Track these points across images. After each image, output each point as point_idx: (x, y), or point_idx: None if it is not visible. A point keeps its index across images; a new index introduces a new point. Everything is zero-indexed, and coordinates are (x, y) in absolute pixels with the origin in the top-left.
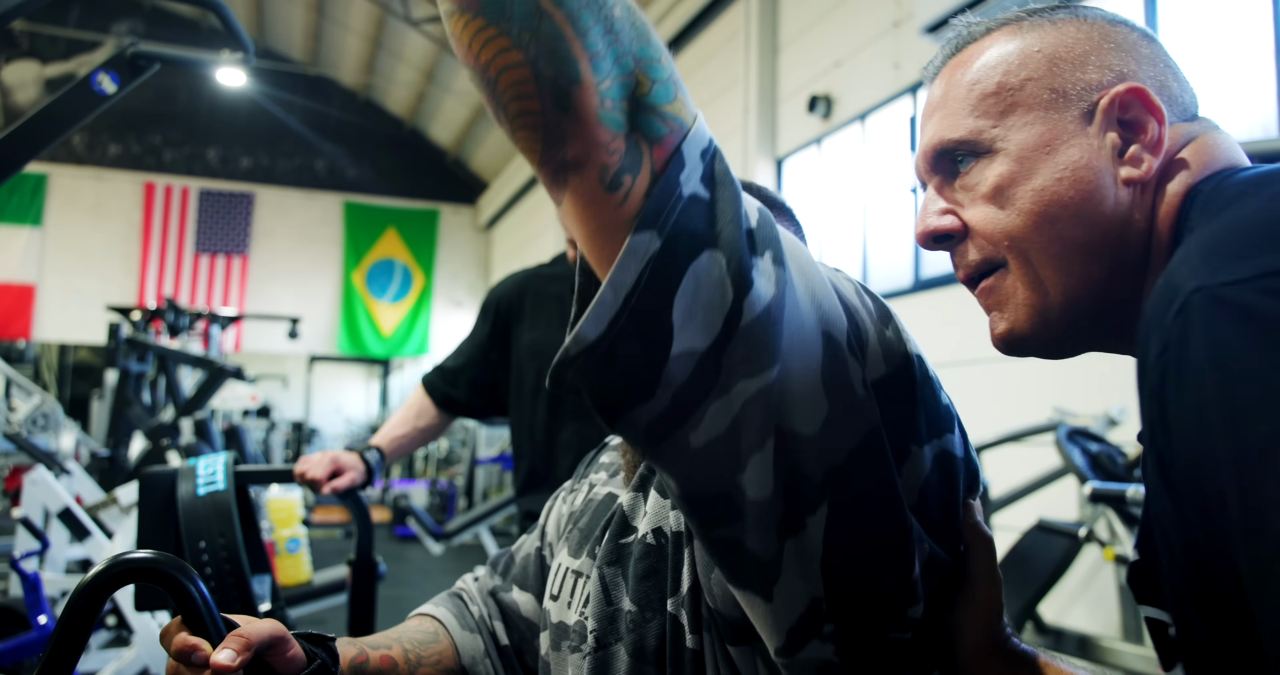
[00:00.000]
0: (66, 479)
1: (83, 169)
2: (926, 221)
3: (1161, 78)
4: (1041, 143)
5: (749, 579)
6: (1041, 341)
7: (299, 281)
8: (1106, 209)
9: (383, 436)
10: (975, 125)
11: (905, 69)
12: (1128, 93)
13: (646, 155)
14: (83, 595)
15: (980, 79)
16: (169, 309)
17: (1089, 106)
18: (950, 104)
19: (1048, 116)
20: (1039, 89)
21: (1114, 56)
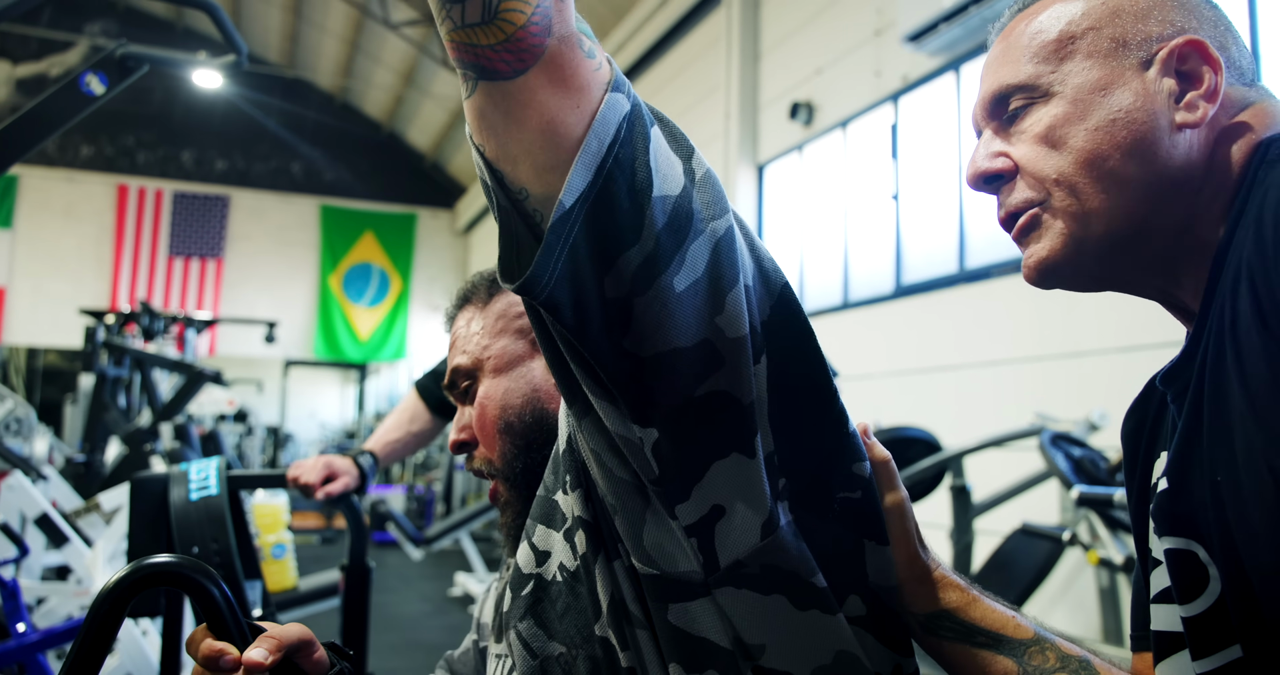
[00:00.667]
0: (43, 485)
1: (54, 170)
2: (977, 163)
3: (1222, 39)
4: (1098, 85)
5: (727, 438)
6: (1073, 270)
7: (275, 285)
8: (1160, 151)
9: (376, 441)
10: (1034, 70)
11: (886, 77)
12: (1186, 44)
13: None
14: (106, 600)
15: (1043, 28)
16: (143, 312)
17: (1148, 56)
18: (1012, 52)
19: (1106, 62)
20: (1100, 38)
21: (1176, 13)
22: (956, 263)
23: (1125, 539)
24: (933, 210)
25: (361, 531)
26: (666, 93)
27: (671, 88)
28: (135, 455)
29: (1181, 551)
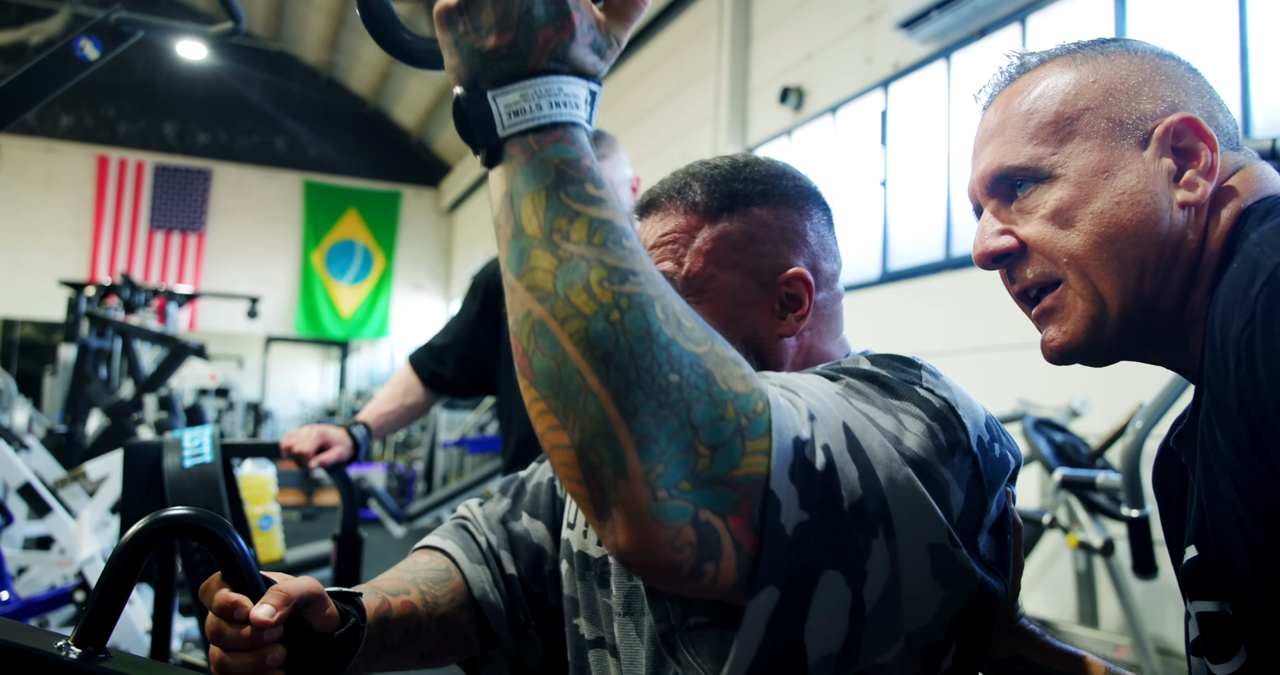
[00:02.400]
0: (25, 455)
1: (33, 140)
2: (986, 243)
3: (1209, 108)
4: (1100, 168)
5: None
6: (1091, 350)
7: (257, 261)
8: (1162, 230)
9: (369, 413)
10: (1035, 152)
11: (877, 63)
12: (1181, 122)
13: (724, 534)
14: (124, 552)
15: (1038, 108)
16: (124, 285)
17: (1144, 135)
18: (1008, 131)
19: (1105, 144)
20: (1096, 118)
21: (1165, 88)
22: (943, 250)
23: (1104, 523)
24: (920, 197)
25: (354, 501)
26: (656, 76)
27: (661, 71)
28: (118, 427)
29: (1213, 614)
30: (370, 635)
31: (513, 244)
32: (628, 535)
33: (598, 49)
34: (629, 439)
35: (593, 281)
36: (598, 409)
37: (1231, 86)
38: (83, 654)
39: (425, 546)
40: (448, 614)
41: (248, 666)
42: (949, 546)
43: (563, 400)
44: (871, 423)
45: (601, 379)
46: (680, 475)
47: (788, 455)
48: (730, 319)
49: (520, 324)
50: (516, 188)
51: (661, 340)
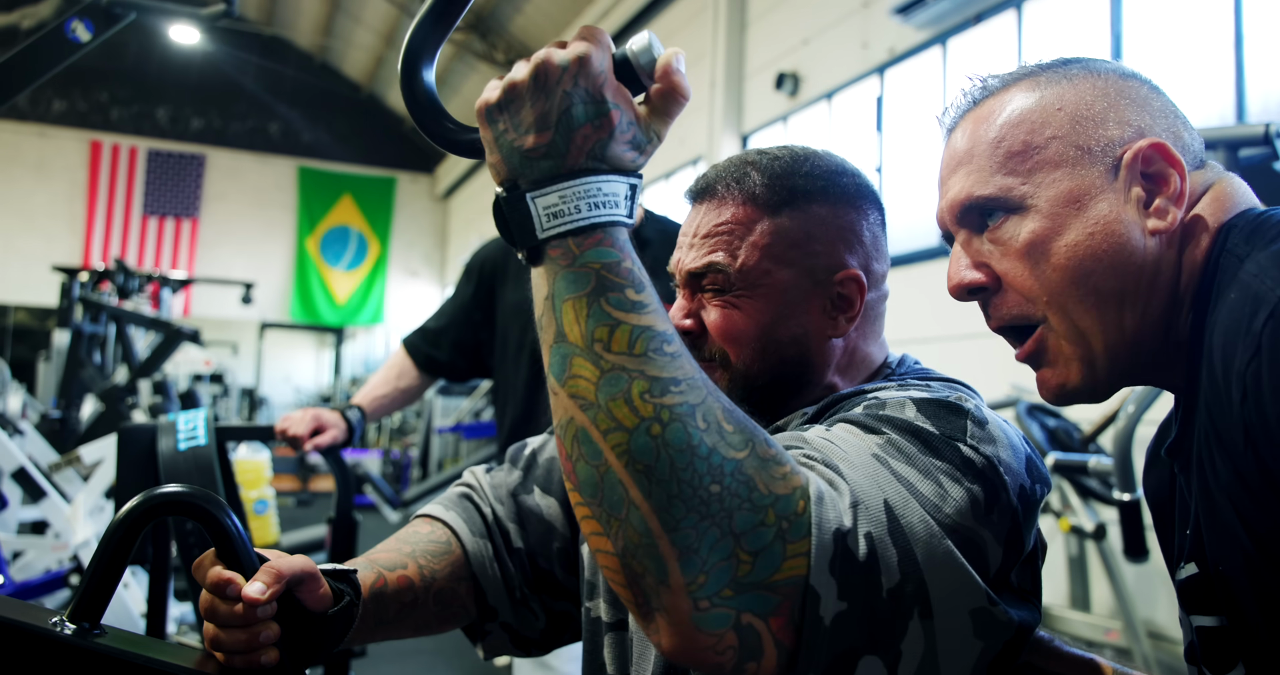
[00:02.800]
0: (20, 439)
1: (25, 125)
2: (961, 275)
3: (1174, 128)
4: (1071, 198)
5: None
6: (1090, 390)
7: (251, 246)
8: (1136, 259)
9: (364, 396)
10: (1004, 182)
11: (873, 49)
12: (1150, 147)
13: (766, 634)
14: (118, 529)
15: (1005, 136)
16: (118, 270)
17: (1113, 161)
18: (976, 160)
19: (1074, 173)
20: (1064, 146)
21: (1131, 112)
22: (938, 236)
23: (1096, 507)
24: (916, 184)
25: (348, 485)
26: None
27: None
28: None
29: (1212, 628)
30: (365, 611)
31: (555, 350)
32: (671, 641)
33: (637, 145)
34: (671, 551)
35: (634, 394)
36: (640, 521)
37: (1226, 72)
38: (77, 630)
39: (426, 515)
40: (445, 588)
41: (241, 643)
42: (989, 607)
43: (606, 509)
44: (912, 492)
45: (644, 492)
46: (722, 583)
47: (828, 550)
48: (780, 317)
49: (564, 430)
50: (558, 291)
51: (702, 451)
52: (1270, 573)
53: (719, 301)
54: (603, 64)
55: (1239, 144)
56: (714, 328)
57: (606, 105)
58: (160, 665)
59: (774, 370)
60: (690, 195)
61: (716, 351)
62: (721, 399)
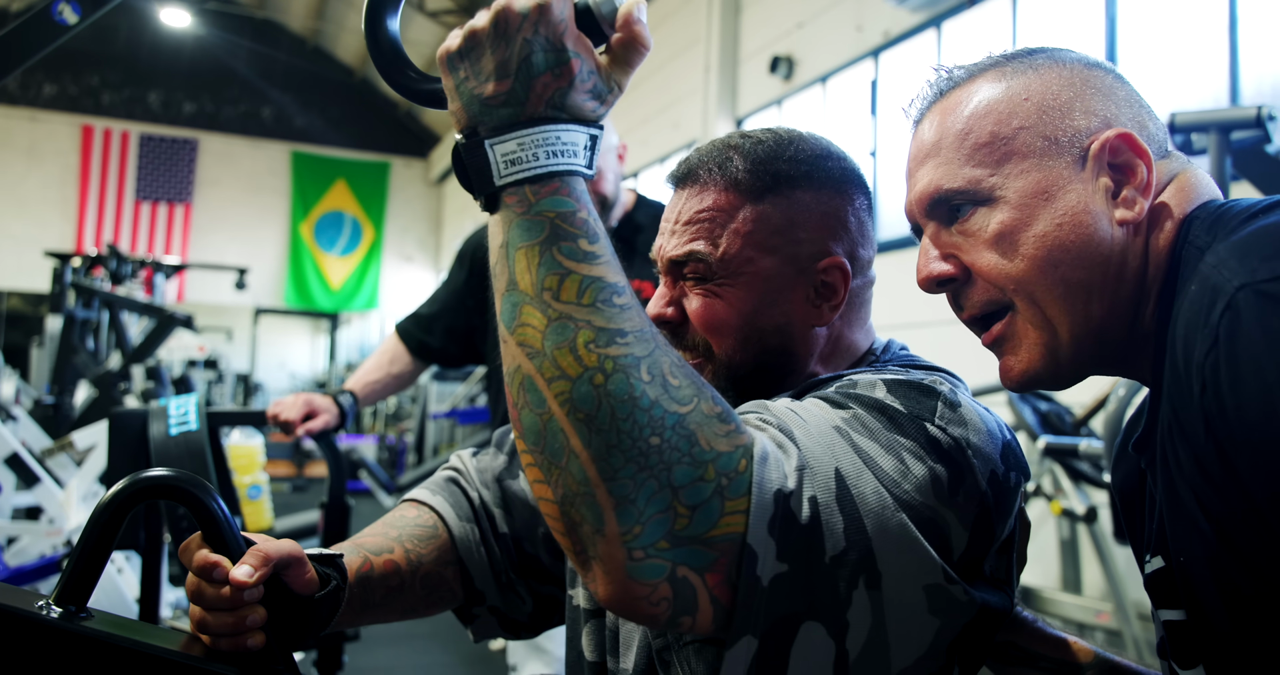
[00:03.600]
0: (12, 425)
1: (16, 109)
2: (930, 267)
3: (1140, 118)
4: (1039, 189)
5: None
6: (1053, 377)
7: (244, 232)
8: (1105, 249)
9: (356, 381)
10: (973, 174)
11: (868, 32)
12: (1117, 138)
13: (701, 589)
14: (104, 512)
15: (972, 128)
16: (111, 256)
17: (1080, 152)
18: (944, 152)
19: (1042, 163)
20: (1032, 137)
21: (1097, 101)
22: None
23: (1088, 490)
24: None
25: (341, 470)
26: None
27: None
28: (105, 397)
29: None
30: (352, 595)
31: (507, 298)
32: (606, 589)
33: (598, 94)
34: (608, 500)
35: (579, 343)
36: (579, 469)
37: (1220, 54)
38: (63, 613)
39: (413, 500)
40: (432, 572)
41: (227, 626)
42: (945, 585)
43: (547, 456)
44: (869, 465)
45: (583, 441)
46: (658, 535)
47: (768, 510)
48: (763, 306)
49: (511, 377)
50: (512, 240)
51: (644, 403)
52: (1231, 563)
53: (700, 290)
54: (563, 12)
55: (1231, 127)
56: (695, 317)
57: (567, 54)
58: (146, 647)
59: (757, 359)
60: (672, 180)
61: (699, 341)
62: (670, 353)
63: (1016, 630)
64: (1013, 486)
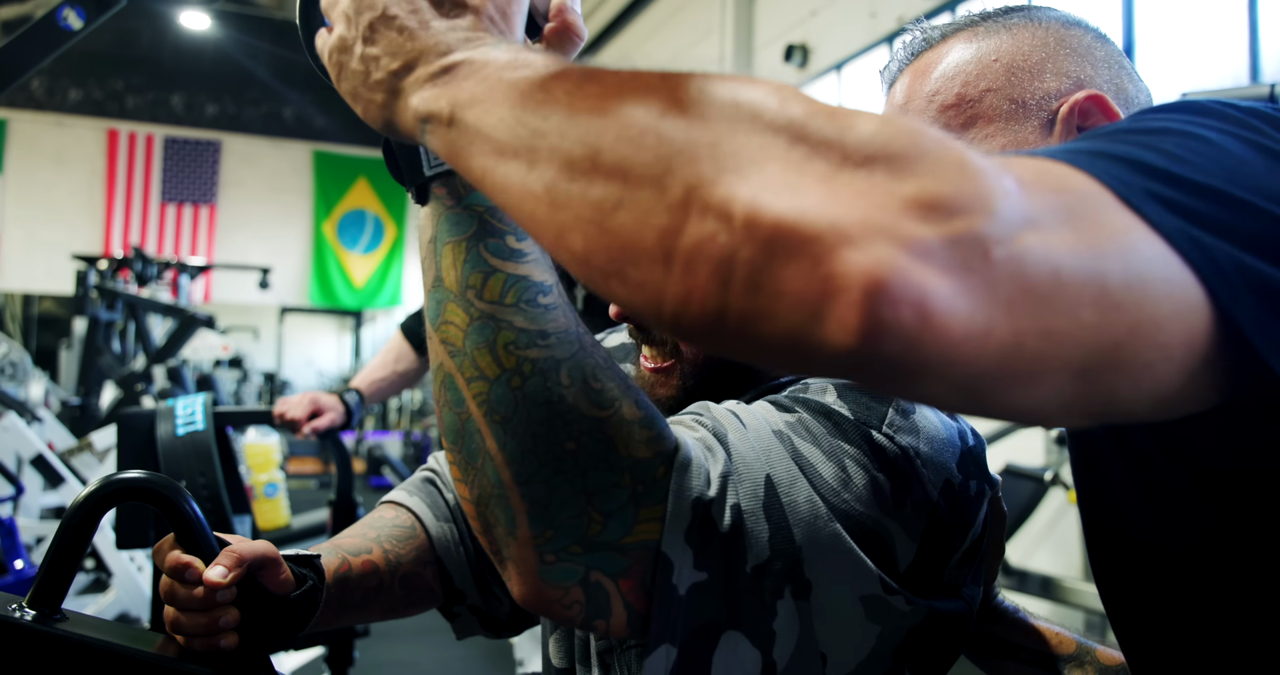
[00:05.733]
0: (38, 426)
1: (43, 115)
2: None
3: (1117, 80)
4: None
5: None
6: None
7: (269, 231)
8: None
9: (362, 379)
10: None
11: (882, 18)
12: (1087, 100)
13: (614, 594)
14: (77, 513)
15: (940, 89)
16: (136, 258)
17: (1049, 115)
18: (911, 114)
19: (1008, 127)
20: (999, 99)
21: (1070, 62)
22: None
23: None
24: None
25: (348, 467)
26: (659, 37)
27: (664, 32)
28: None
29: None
30: (330, 596)
31: (432, 294)
32: (520, 589)
33: None
34: (521, 505)
35: (499, 344)
36: (494, 471)
37: (1240, 30)
38: (36, 615)
39: (390, 501)
40: (411, 572)
41: (201, 626)
42: (883, 595)
43: (464, 456)
44: (806, 472)
45: (499, 443)
46: (570, 539)
47: (685, 518)
48: None
49: (434, 374)
50: (440, 234)
51: (560, 407)
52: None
53: None
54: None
55: None
56: None
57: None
58: (120, 649)
59: (722, 360)
60: None
61: (667, 338)
62: (596, 355)
63: (997, 621)
64: (973, 495)
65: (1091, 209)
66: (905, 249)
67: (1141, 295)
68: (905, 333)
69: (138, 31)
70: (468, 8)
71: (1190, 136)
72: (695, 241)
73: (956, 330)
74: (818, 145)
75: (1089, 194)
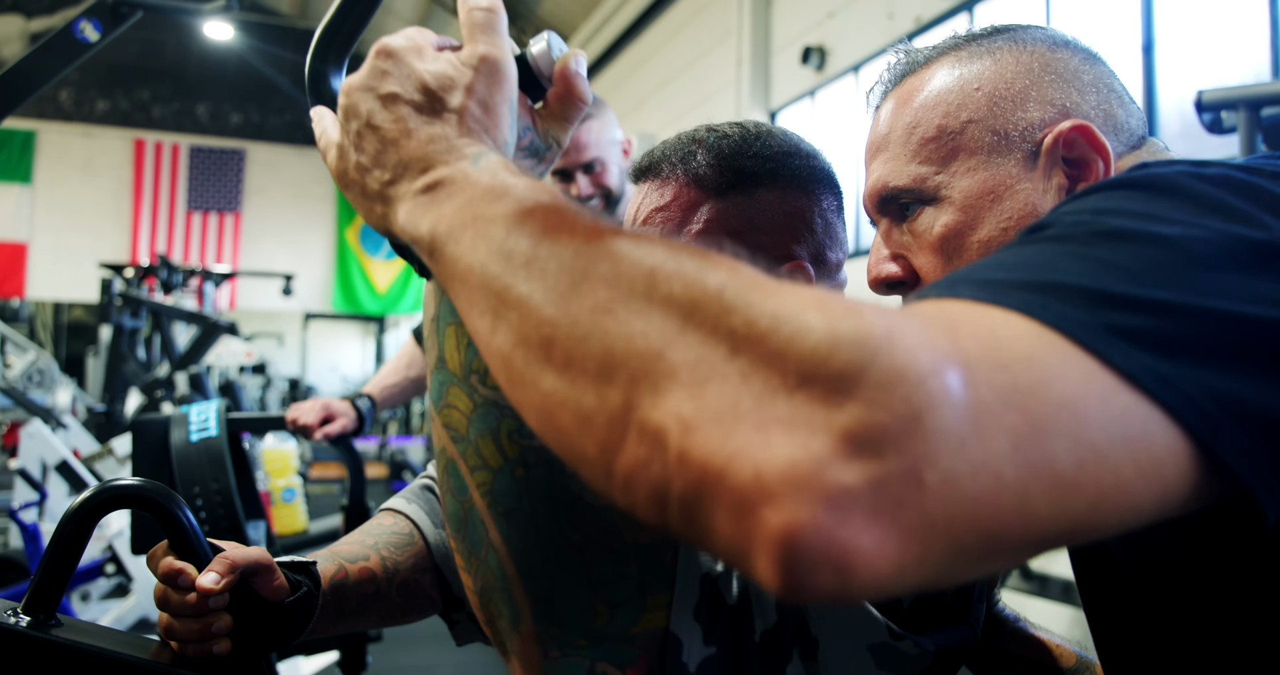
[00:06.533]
0: (63, 433)
1: (71, 125)
2: (879, 268)
3: (1105, 105)
4: (985, 190)
5: None
6: None
7: (292, 238)
8: None
9: (374, 385)
10: (918, 172)
11: (899, 19)
12: (1072, 130)
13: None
14: (71, 520)
15: (920, 121)
16: (162, 266)
17: (1033, 146)
18: (893, 147)
19: (990, 161)
20: (980, 131)
21: (1055, 89)
22: None
23: None
24: None
25: (359, 473)
26: (676, 42)
27: (681, 36)
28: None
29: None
30: (326, 602)
31: (435, 375)
32: None
33: (535, 152)
34: (525, 599)
35: (503, 432)
36: (497, 564)
37: (1261, 25)
38: (31, 621)
39: (389, 509)
40: (408, 579)
41: (194, 632)
42: (891, 642)
43: (469, 546)
44: None
45: (503, 535)
46: (577, 634)
47: (693, 596)
48: None
49: (438, 458)
50: (443, 314)
51: (564, 498)
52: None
53: None
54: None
55: (1261, 103)
56: None
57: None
58: (113, 655)
59: None
60: (633, 173)
61: None
62: None
63: (997, 630)
64: None
65: (1045, 380)
66: (826, 503)
67: (1101, 467)
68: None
69: (163, 43)
70: (449, 110)
71: (1150, 241)
72: (631, 464)
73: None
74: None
75: (1046, 360)
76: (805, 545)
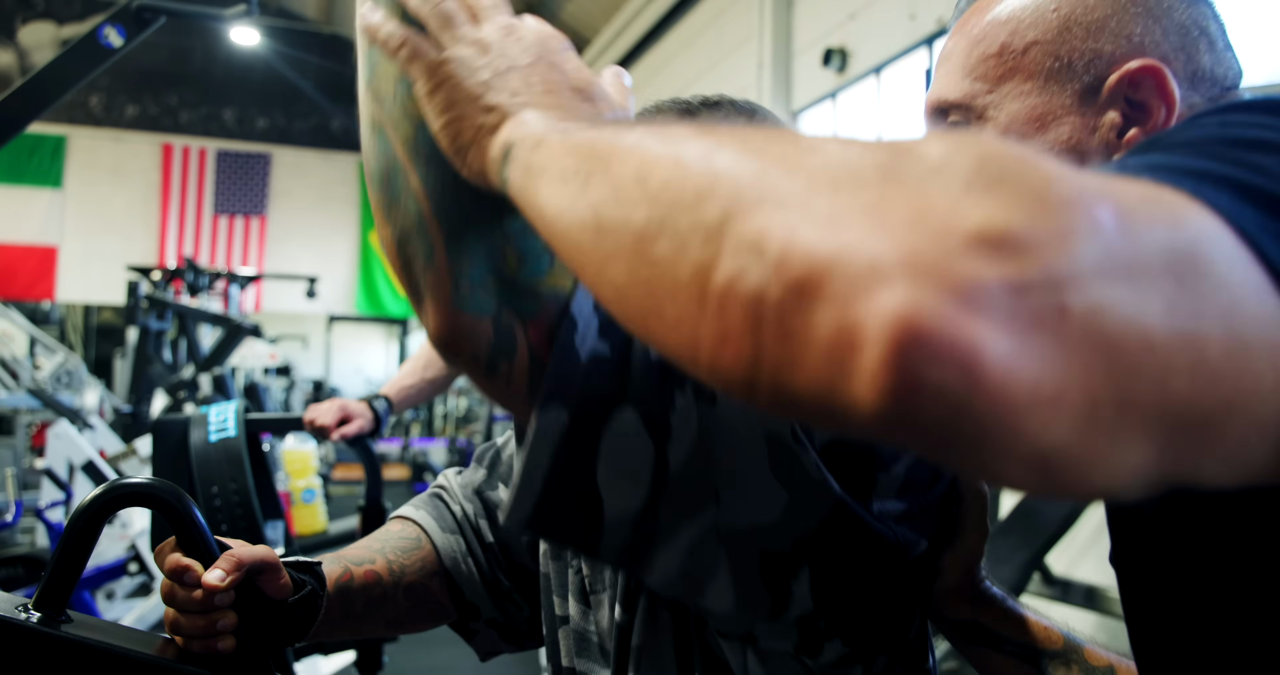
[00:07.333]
0: (90, 433)
1: (101, 131)
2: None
3: (1191, 49)
4: (1032, 117)
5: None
6: None
7: (317, 241)
8: None
9: (391, 387)
10: (971, 88)
11: (921, 20)
12: (1140, 70)
13: (520, 335)
14: (81, 518)
15: (986, 36)
16: (188, 268)
17: (1094, 80)
18: (954, 58)
19: (1046, 87)
20: (1042, 55)
21: (1137, 23)
22: None
23: None
24: None
25: (376, 474)
26: (698, 45)
27: (702, 39)
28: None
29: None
30: (331, 604)
31: (367, 55)
32: (435, 321)
33: None
34: (438, 234)
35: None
36: (415, 207)
37: None
38: (41, 617)
39: (398, 516)
40: (416, 583)
41: (199, 628)
42: (791, 443)
43: (388, 196)
44: None
45: (420, 177)
46: (485, 272)
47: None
48: None
49: (367, 129)
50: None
51: None
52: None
53: None
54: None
55: None
56: None
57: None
58: (121, 650)
59: None
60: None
61: None
62: None
63: (983, 608)
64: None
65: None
66: (955, 292)
67: (1245, 363)
68: (950, 395)
69: (191, 49)
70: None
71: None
72: (728, 277)
73: (1018, 395)
74: (872, 172)
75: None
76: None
